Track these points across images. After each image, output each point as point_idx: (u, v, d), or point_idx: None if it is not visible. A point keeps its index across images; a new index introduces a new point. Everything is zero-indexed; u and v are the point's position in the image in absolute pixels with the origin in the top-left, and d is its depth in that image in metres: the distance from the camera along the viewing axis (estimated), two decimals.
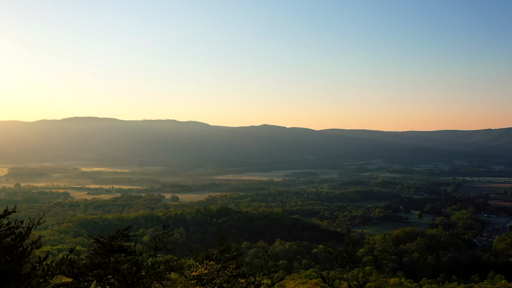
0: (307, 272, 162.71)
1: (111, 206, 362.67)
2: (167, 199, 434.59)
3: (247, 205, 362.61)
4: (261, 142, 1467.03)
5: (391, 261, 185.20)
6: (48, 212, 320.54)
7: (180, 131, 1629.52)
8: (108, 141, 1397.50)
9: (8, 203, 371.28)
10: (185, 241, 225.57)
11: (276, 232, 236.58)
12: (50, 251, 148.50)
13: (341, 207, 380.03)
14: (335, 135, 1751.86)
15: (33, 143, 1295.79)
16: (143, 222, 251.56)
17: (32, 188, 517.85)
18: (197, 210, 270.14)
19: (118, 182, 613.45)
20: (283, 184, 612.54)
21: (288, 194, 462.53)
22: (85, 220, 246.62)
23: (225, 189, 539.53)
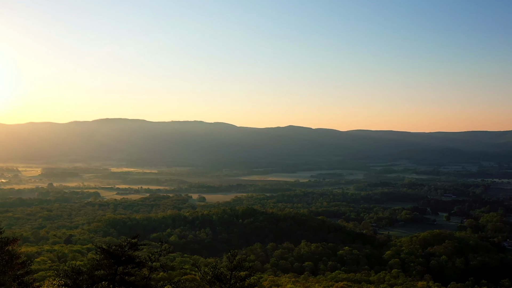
0: (333, 274, 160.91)
1: (140, 206, 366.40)
2: (194, 200, 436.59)
3: (273, 206, 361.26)
4: (287, 143, 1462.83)
5: (419, 264, 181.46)
6: (79, 212, 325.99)
7: (207, 132, 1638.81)
8: (137, 142, 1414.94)
9: (41, 202, 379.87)
10: (211, 242, 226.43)
11: (301, 233, 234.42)
12: (80, 250, 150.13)
13: (367, 209, 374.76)
14: (361, 136, 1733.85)
15: (65, 144, 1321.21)
16: (170, 222, 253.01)
17: (64, 188, 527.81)
18: (223, 211, 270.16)
19: (147, 183, 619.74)
20: (308, 185, 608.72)
21: (313, 195, 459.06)
22: (114, 219, 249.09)
23: (251, 189, 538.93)
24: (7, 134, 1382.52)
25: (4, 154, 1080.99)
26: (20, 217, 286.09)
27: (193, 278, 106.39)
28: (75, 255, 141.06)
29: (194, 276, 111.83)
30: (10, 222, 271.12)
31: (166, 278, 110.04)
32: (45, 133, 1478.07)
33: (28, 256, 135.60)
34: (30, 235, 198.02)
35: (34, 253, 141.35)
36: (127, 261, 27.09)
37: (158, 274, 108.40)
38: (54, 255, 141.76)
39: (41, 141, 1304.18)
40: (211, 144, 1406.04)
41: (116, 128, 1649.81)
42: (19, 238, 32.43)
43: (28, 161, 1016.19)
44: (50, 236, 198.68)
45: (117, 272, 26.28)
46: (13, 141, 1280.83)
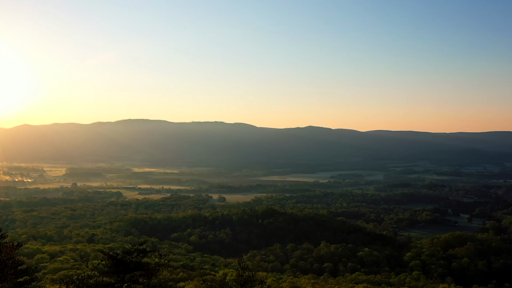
0: (353, 275, 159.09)
1: (161, 206, 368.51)
2: (214, 200, 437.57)
3: (292, 207, 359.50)
4: (306, 144, 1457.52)
5: (440, 266, 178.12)
6: (102, 211, 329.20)
7: (227, 132, 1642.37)
8: (158, 142, 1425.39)
9: (65, 202, 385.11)
10: (231, 242, 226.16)
11: (321, 234, 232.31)
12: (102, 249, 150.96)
13: (387, 210, 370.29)
14: (380, 136, 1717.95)
15: (89, 144, 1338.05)
16: (190, 222, 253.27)
17: (87, 188, 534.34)
18: (243, 211, 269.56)
19: (168, 183, 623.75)
20: (328, 185, 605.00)
21: (333, 196, 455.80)
22: (135, 219, 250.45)
23: (271, 190, 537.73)
24: (33, 135, 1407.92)
25: (30, 154, 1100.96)
26: (45, 216, 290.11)
27: (213, 278, 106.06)
28: (97, 255, 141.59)
29: (214, 276, 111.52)
30: (35, 221, 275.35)
31: (186, 278, 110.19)
32: (69, 133, 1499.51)
33: (51, 255, 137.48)
34: (54, 234, 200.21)
35: (57, 252, 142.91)
36: (135, 268, 25.72)
37: (178, 275, 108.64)
38: (76, 254, 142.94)
39: (66, 142, 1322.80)
40: (231, 144, 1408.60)
41: (138, 129, 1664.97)
42: (22, 243, 31.04)
43: (53, 161, 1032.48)
44: (73, 235, 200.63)
45: (124, 280, 24.88)
46: (38, 141, 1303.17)
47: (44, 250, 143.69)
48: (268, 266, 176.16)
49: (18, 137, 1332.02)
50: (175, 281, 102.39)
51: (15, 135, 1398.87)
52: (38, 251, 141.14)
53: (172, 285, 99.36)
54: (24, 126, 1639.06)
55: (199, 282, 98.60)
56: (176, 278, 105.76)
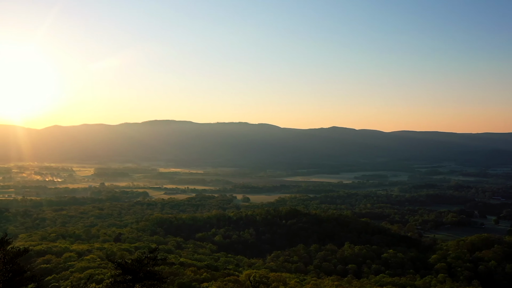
0: (377, 277, 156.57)
1: (186, 206, 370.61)
2: (239, 200, 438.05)
3: (316, 207, 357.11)
4: (330, 144, 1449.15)
5: (466, 269, 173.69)
6: (128, 211, 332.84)
7: (252, 133, 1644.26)
8: (184, 143, 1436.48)
9: (93, 201, 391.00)
10: (255, 242, 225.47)
11: (345, 235, 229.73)
12: (128, 249, 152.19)
13: (412, 211, 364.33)
14: (405, 137, 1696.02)
15: (117, 145, 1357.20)
16: (215, 222, 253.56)
17: (115, 187, 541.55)
18: (267, 211, 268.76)
19: (193, 183, 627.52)
20: (352, 186, 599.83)
21: (357, 197, 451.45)
22: (161, 219, 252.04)
23: (295, 190, 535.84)
24: (63, 136, 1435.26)
25: (60, 154, 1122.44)
26: (74, 215, 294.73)
27: (236, 279, 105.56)
28: (123, 254, 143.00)
29: (237, 277, 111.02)
30: (65, 220, 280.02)
31: (209, 278, 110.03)
32: (97, 134, 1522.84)
33: (79, 254, 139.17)
34: (82, 233, 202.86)
35: (85, 251, 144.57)
36: (146, 277, 24.44)
37: (202, 275, 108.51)
38: (103, 253, 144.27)
39: (94, 142, 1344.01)
40: (255, 145, 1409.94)
41: (164, 130, 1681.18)
42: (30, 249, 29.97)
43: (82, 161, 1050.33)
44: (100, 234, 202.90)
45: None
46: (68, 142, 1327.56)
47: (72, 249, 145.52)
48: (291, 267, 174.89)
49: (49, 138, 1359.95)
50: (198, 282, 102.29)
51: (46, 135, 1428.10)
52: (66, 250, 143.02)
53: (195, 285, 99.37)
54: (55, 127, 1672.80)
55: (222, 283, 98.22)
56: (200, 278, 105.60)
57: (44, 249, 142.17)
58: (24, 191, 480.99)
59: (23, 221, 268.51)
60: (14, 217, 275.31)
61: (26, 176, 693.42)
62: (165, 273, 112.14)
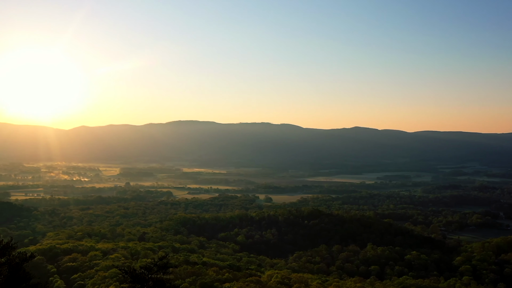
0: (400, 279, 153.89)
1: (209, 205, 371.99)
2: (261, 200, 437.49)
3: (338, 208, 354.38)
4: (352, 145, 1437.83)
5: (491, 272, 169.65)
6: (153, 210, 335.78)
7: (274, 133, 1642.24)
8: (207, 143, 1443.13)
9: (119, 200, 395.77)
10: (277, 242, 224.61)
11: (367, 236, 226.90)
12: (151, 248, 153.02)
13: (435, 212, 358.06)
14: (429, 137, 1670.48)
15: (142, 145, 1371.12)
16: (237, 222, 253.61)
17: (140, 187, 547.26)
18: (289, 212, 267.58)
19: (216, 183, 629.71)
20: (374, 187, 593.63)
21: (380, 197, 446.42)
22: (184, 218, 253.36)
23: (317, 191, 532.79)
24: (90, 136, 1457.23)
25: (87, 154, 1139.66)
26: (100, 215, 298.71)
27: (258, 280, 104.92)
28: (147, 253, 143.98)
29: (259, 278, 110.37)
30: (91, 218, 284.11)
31: (231, 278, 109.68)
32: (123, 135, 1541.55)
33: (104, 253, 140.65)
34: (107, 232, 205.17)
35: (110, 250, 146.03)
36: (155, 285, 23.04)
37: (224, 275, 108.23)
38: (127, 252, 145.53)
39: (120, 142, 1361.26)
40: (278, 145, 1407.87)
41: (188, 130, 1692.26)
42: (36, 254, 28.43)
43: (108, 161, 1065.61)
44: (125, 233, 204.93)
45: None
46: (95, 142, 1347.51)
47: (98, 248, 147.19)
48: (314, 267, 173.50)
49: (76, 138, 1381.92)
50: (220, 282, 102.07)
51: (74, 136, 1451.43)
52: (92, 249, 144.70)
53: (217, 285, 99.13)
54: (82, 128, 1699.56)
55: (244, 284, 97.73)
56: (222, 278, 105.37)
57: (71, 247, 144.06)
58: (52, 190, 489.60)
59: (51, 219, 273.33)
60: (42, 215, 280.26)
61: (54, 175, 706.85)
62: (187, 273, 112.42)
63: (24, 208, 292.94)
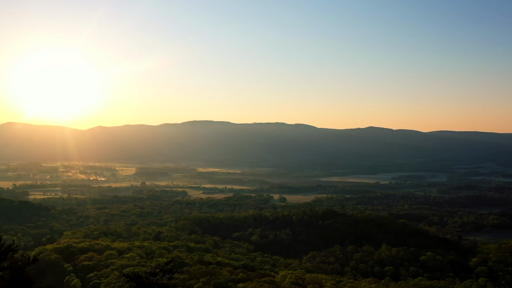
0: (415, 280, 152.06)
1: (223, 205, 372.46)
2: (275, 200, 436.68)
3: (353, 208, 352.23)
4: (367, 145, 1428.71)
5: (508, 273, 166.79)
6: (168, 210, 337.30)
7: (288, 133, 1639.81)
8: (222, 143, 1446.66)
9: (135, 200, 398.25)
10: (291, 242, 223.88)
11: (382, 236, 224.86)
12: (166, 247, 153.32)
13: (451, 213, 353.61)
14: (444, 137, 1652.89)
15: (157, 145, 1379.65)
16: (252, 222, 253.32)
17: (155, 187, 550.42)
18: (303, 212, 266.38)
19: (231, 182, 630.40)
20: (389, 187, 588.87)
21: (394, 198, 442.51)
22: (199, 218, 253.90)
23: (331, 191, 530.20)
24: (106, 136, 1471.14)
25: (104, 154, 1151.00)
26: (116, 214, 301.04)
27: (271, 280, 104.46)
28: (162, 252, 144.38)
29: (273, 278, 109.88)
30: (107, 218, 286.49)
31: (245, 278, 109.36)
32: (139, 134, 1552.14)
33: (120, 252, 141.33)
34: (123, 231, 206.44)
35: (125, 249, 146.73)
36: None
37: (238, 275, 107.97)
38: (143, 251, 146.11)
39: (136, 142, 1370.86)
40: (292, 145, 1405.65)
41: (203, 130, 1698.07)
42: (38, 258, 26.44)
43: (124, 161, 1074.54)
44: (141, 233, 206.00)
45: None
46: (111, 142, 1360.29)
47: (113, 247, 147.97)
48: (328, 268, 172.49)
49: (93, 138, 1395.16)
50: (234, 282, 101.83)
51: (90, 136, 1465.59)
52: (107, 248, 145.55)
53: (231, 285, 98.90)
54: (98, 128, 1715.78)
55: (258, 284, 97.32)
56: (236, 278, 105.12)
57: (87, 246, 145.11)
58: (69, 189, 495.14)
59: (68, 218, 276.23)
60: (59, 214, 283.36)
61: (71, 175, 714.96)
62: (202, 273, 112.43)
63: (42, 207, 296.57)
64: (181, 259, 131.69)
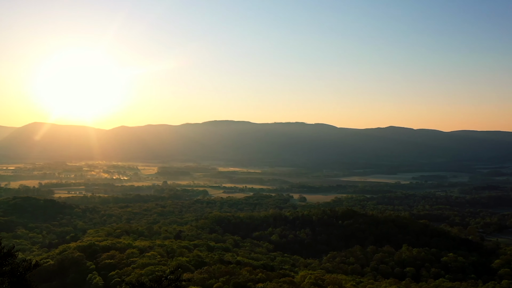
0: (437, 282, 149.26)
1: (244, 204, 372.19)
2: (295, 200, 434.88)
3: (373, 208, 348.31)
4: (387, 144, 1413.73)
5: None
6: (189, 209, 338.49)
7: (308, 133, 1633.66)
8: (242, 143, 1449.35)
9: (156, 199, 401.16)
10: (311, 242, 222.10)
11: (402, 237, 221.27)
12: (187, 246, 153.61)
13: (473, 213, 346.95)
14: (466, 136, 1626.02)
15: (178, 144, 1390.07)
16: (272, 221, 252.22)
17: (176, 186, 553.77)
18: (323, 212, 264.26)
19: (251, 182, 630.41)
20: (410, 187, 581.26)
21: (415, 198, 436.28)
22: (219, 217, 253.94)
23: (351, 191, 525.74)
24: (129, 136, 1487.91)
25: (126, 154, 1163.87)
26: (138, 212, 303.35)
27: (291, 280, 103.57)
28: (182, 251, 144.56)
29: (292, 278, 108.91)
30: (129, 216, 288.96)
31: (264, 279, 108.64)
32: (161, 134, 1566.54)
33: (141, 250, 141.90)
34: (144, 230, 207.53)
35: (146, 247, 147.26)
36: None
37: (257, 275, 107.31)
38: (163, 250, 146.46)
39: (158, 142, 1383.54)
40: (312, 145, 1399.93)
41: (224, 130, 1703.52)
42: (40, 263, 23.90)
43: (146, 160, 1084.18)
44: (162, 231, 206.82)
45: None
46: (134, 142, 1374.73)
47: (135, 245, 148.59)
48: (348, 268, 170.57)
49: (116, 138, 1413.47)
50: (254, 282, 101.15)
51: (114, 136, 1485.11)
52: (129, 246, 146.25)
53: (251, 285, 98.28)
54: (121, 128, 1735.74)
55: (277, 284, 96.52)
56: (255, 278, 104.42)
57: (109, 245, 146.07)
58: (93, 188, 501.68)
59: (91, 217, 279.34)
60: (83, 213, 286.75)
61: (95, 174, 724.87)
62: (221, 272, 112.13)
63: (67, 206, 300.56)
64: (201, 258, 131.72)
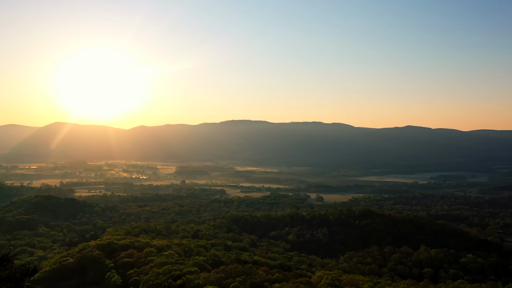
0: (455, 283, 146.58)
1: (261, 204, 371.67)
2: (312, 199, 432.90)
3: (391, 208, 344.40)
4: (405, 144, 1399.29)
5: None
6: (206, 208, 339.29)
7: (325, 133, 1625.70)
8: (259, 142, 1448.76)
9: (174, 198, 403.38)
10: (328, 242, 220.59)
11: (420, 237, 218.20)
12: (204, 245, 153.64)
13: (492, 214, 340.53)
14: (485, 136, 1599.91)
15: (197, 144, 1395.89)
16: (288, 221, 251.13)
17: (194, 185, 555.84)
18: (340, 211, 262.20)
19: (268, 181, 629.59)
20: (428, 187, 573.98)
21: (433, 198, 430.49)
22: (237, 216, 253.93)
23: (368, 190, 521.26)
24: (148, 135, 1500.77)
25: (145, 153, 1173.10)
26: (156, 211, 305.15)
27: (307, 281, 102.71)
28: (199, 250, 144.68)
29: (309, 279, 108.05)
30: (148, 215, 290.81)
31: (281, 279, 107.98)
32: (179, 134, 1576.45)
33: (158, 249, 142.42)
34: (163, 229, 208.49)
35: (164, 246, 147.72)
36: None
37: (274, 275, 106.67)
38: (181, 249, 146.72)
39: (176, 142, 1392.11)
40: (329, 144, 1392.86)
41: (241, 129, 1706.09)
42: (39, 268, 22.13)
43: (165, 159, 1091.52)
44: (180, 230, 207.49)
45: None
46: (152, 141, 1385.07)
47: (153, 244, 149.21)
48: (365, 268, 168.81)
49: (135, 137, 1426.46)
50: (270, 282, 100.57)
51: (133, 135, 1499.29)
52: (147, 245, 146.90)
53: (267, 285, 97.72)
54: (140, 127, 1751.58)
55: (294, 284, 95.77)
56: (272, 278, 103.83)
57: (128, 243, 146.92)
58: (113, 187, 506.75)
59: (111, 215, 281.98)
60: (103, 211, 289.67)
61: (115, 173, 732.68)
62: (238, 272, 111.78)
63: (87, 204, 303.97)
64: (218, 257, 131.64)
